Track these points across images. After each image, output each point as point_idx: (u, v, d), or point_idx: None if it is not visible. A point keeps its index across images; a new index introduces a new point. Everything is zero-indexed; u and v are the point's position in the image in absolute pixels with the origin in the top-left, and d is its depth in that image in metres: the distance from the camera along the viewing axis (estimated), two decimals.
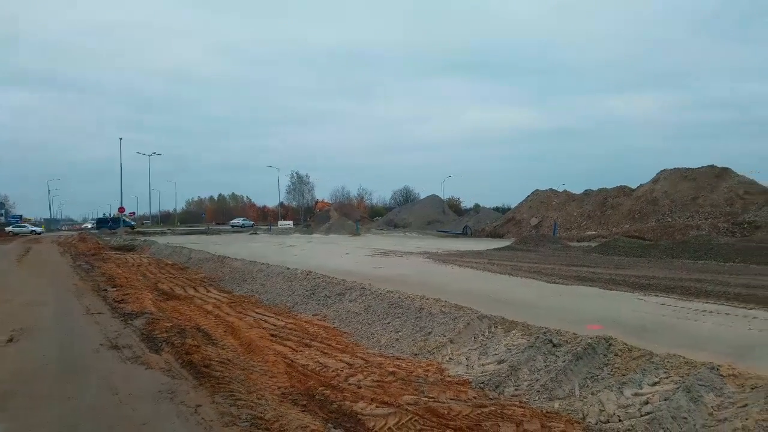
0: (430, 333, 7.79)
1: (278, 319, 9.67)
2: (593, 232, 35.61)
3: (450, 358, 6.93)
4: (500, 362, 6.35)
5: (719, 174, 36.84)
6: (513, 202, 56.54)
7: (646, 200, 37.99)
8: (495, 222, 47.56)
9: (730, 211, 32.89)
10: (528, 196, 47.30)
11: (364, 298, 9.98)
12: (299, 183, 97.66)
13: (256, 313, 10.37)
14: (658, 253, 20.57)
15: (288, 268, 14.30)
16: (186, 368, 6.39)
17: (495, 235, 41.52)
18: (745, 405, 4.09)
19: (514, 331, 6.93)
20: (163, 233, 55.01)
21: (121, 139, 49.62)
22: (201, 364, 6.43)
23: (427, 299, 9.17)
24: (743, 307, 8.57)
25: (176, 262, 21.59)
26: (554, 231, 36.68)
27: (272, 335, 8.36)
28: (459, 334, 7.39)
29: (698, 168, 38.16)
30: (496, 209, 70.66)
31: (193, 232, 57.46)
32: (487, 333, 7.21)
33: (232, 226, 76.34)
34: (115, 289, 13.47)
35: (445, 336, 7.51)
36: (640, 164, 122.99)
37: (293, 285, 12.46)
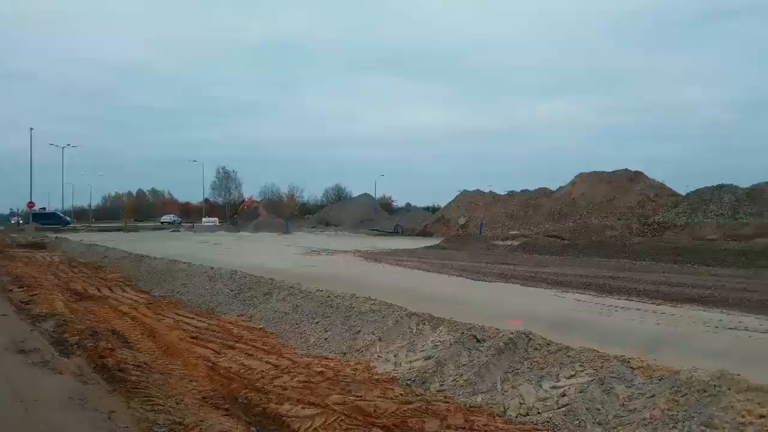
0: (359, 331, 7.78)
1: (200, 321, 9.33)
2: (516, 232, 36.95)
3: (379, 356, 6.94)
4: (427, 358, 6.43)
5: (633, 177, 39.32)
6: (443, 201, 57.77)
7: (565, 201, 39.91)
8: (425, 221, 48.34)
9: (641, 213, 35.15)
10: (456, 196, 48.46)
11: (292, 297, 9.81)
12: (225, 178, 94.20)
13: (177, 314, 9.94)
14: (575, 251, 21.67)
15: (212, 267, 13.84)
16: (99, 373, 6.01)
17: (425, 234, 42.20)
18: (653, 395, 4.35)
19: (441, 328, 7.03)
20: (75, 230, 51.78)
21: (31, 129, 46.31)
22: (115, 368, 6.07)
23: (358, 297, 9.14)
24: (652, 303, 9.15)
25: (90, 261, 20.37)
26: (480, 230, 37.78)
27: (193, 337, 8.05)
28: (388, 332, 7.42)
29: (614, 171, 40.52)
30: (427, 209, 71.90)
31: (109, 229, 54.47)
32: (415, 330, 7.28)
33: (162, 222, 72.75)
34: (21, 289, 12.48)
35: (374, 334, 7.52)
36: (560, 166, 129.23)
37: (217, 285, 12.06)
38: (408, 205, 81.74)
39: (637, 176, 39.24)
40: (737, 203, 31.63)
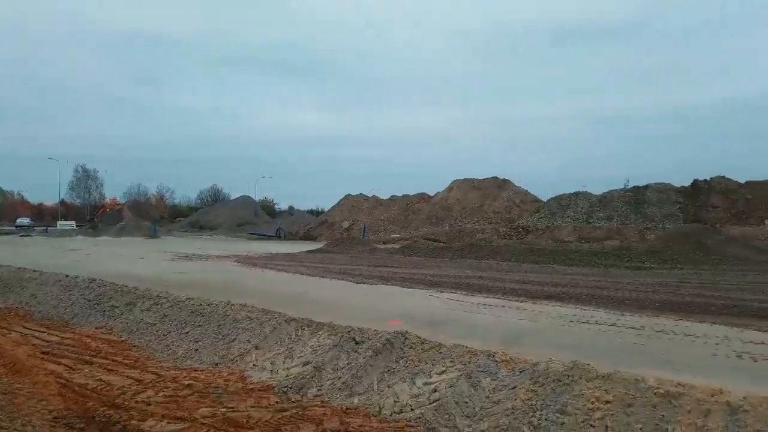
0: (234, 340, 7.47)
1: (53, 335, 8.42)
2: (397, 235, 37.94)
3: (254, 365, 6.72)
4: (305, 364, 6.33)
5: (501, 185, 42.18)
6: (327, 205, 57.73)
7: (441, 206, 41.78)
8: (309, 224, 47.98)
9: (508, 217, 37.79)
10: (340, 200, 48.68)
11: (159, 306, 9.19)
12: (85, 178, 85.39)
13: (25, 328, 8.89)
14: (450, 254, 22.70)
15: (67, 276, 12.55)
16: None
17: (308, 237, 41.85)
18: (515, 387, 4.64)
19: (321, 332, 6.96)
20: None
21: None
22: None
23: (233, 305, 8.78)
24: (516, 300, 9.79)
25: None
26: (363, 234, 38.29)
27: (44, 353, 7.24)
28: (265, 339, 7.21)
29: (484, 179, 43.20)
30: (311, 212, 71.37)
31: None
32: (294, 336, 7.15)
33: (18, 226, 64.27)
34: None
35: (250, 342, 7.27)
36: (437, 173, 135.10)
37: (73, 295, 10.96)
38: (291, 208, 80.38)
39: (505, 183, 42.20)
40: (591, 209, 35.16)
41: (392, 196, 47.75)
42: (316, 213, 66.54)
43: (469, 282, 12.52)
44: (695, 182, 34.76)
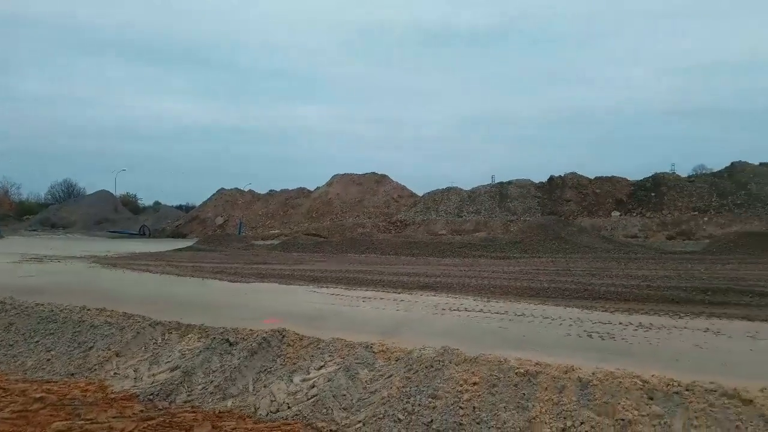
0: (91, 347, 6.85)
1: None
2: (277, 231, 37.26)
3: (116, 373, 6.22)
4: (173, 369, 5.98)
5: (379, 180, 43.10)
6: (198, 200, 54.94)
7: (322, 201, 41.73)
8: (177, 221, 45.37)
9: (387, 212, 38.71)
10: (213, 194, 46.68)
11: (3, 314, 8.16)
12: None
13: None
14: (331, 249, 22.75)
15: None
16: None
17: (177, 235, 39.60)
18: (391, 376, 4.74)
19: (190, 335, 6.61)
20: None
21: None
22: None
23: (89, 309, 8.05)
24: (394, 292, 10.05)
25: None
26: (239, 230, 37.05)
27: None
28: (127, 345, 6.70)
29: (364, 174, 43.85)
30: (180, 207, 67.44)
31: None
32: (160, 340, 6.72)
33: None
34: None
35: (110, 349, 6.71)
36: (317, 168, 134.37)
37: None
38: (157, 203, 75.25)
39: (383, 179, 43.21)
40: (462, 203, 37.19)
41: (270, 190, 46.77)
42: (186, 209, 63.00)
43: (350, 276, 12.63)
44: (551, 178, 38.17)
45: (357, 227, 34.35)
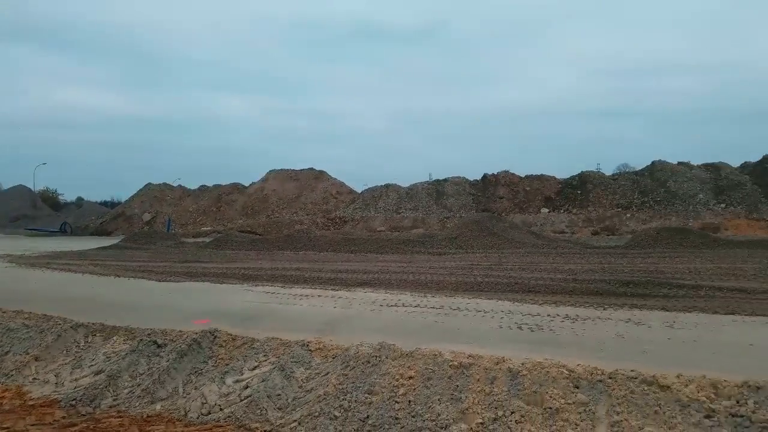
0: (7, 352, 6.43)
1: None
2: (209, 228, 36.21)
3: (35, 378, 5.86)
4: (98, 373, 5.69)
5: (318, 176, 42.75)
6: (124, 195, 52.46)
7: (257, 197, 40.92)
8: (102, 218, 43.21)
9: (326, 208, 38.47)
10: (140, 190, 44.72)
11: None
12: None
13: None
14: (267, 246, 22.36)
15: None
16: None
17: (102, 232, 37.72)
18: (327, 373, 4.71)
19: (115, 337, 6.32)
20: None
21: None
22: None
23: (4, 312, 7.54)
24: (332, 289, 9.99)
25: None
26: (168, 227, 35.75)
27: None
28: (47, 349, 6.31)
29: (301, 170, 43.35)
30: (105, 204, 64.21)
31: None
32: (83, 343, 6.38)
33: None
34: None
35: (28, 353, 6.31)
36: (250, 162, 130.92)
37: None
38: (80, 199, 71.23)
39: (321, 175, 42.88)
40: (400, 200, 37.52)
41: (202, 185, 45.33)
42: (111, 205, 60.02)
43: (286, 274, 12.45)
44: (485, 176, 39.21)
45: (294, 224, 33.93)
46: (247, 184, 43.90)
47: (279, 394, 4.60)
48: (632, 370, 4.27)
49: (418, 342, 5.27)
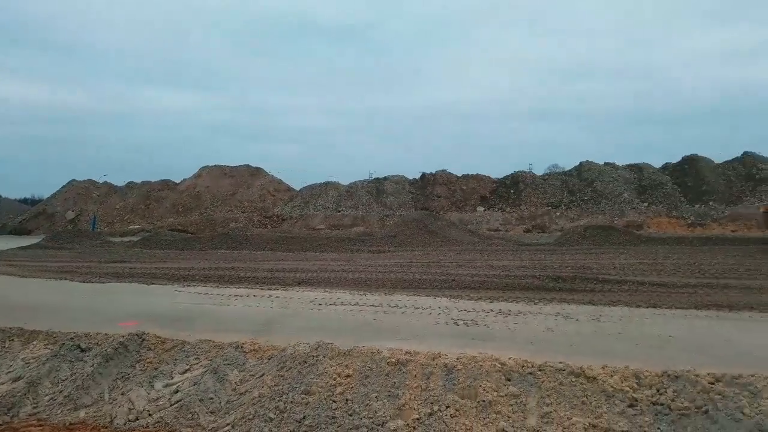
0: None
1: None
2: (137, 226, 34.71)
3: None
4: (16, 380, 5.34)
5: (254, 173, 41.83)
6: (46, 192, 49.35)
7: (189, 194, 39.59)
8: (21, 216, 40.49)
9: (263, 206, 37.74)
10: (63, 186, 42.21)
11: None
12: None
13: None
14: (200, 245, 21.66)
15: None
16: None
17: (21, 231, 35.34)
18: (262, 375, 4.61)
19: (35, 342, 5.94)
20: None
21: None
22: None
23: None
24: (268, 289, 9.80)
25: None
26: (93, 225, 34.02)
27: None
28: None
29: (236, 166, 42.28)
30: (24, 201, 60.17)
31: None
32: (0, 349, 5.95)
33: None
34: None
35: None
36: (182, 158, 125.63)
37: None
38: None
39: (257, 172, 41.99)
40: (340, 198, 37.37)
41: (130, 182, 43.30)
42: (31, 202, 56.34)
43: (220, 273, 12.11)
44: (423, 175, 39.74)
45: (229, 222, 33.10)
46: (178, 181, 42.38)
47: (211, 398, 4.46)
48: (561, 363, 4.45)
49: (357, 340, 5.27)
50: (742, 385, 4.06)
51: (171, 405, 4.45)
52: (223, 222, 33.24)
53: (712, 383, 4.09)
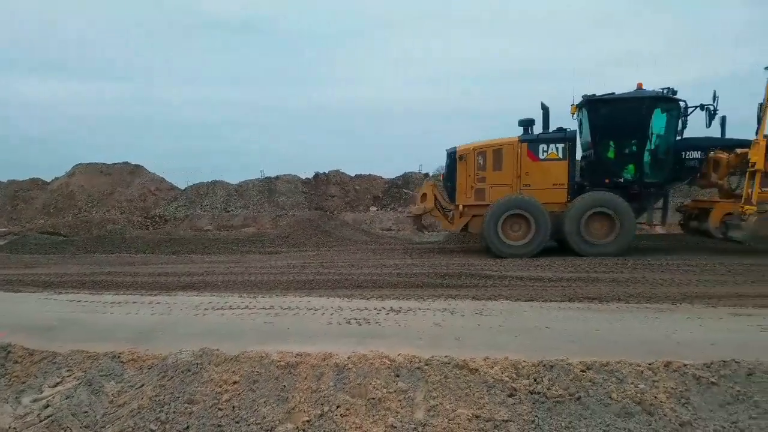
0: None
1: None
2: (4, 229, 31.24)
3: None
4: None
5: (133, 170, 39.20)
6: None
7: (62, 194, 36.30)
8: None
9: (143, 206, 35.48)
10: None
11: None
12: None
13: None
14: (74, 248, 19.99)
15: None
16: None
17: None
18: (142, 385, 4.35)
19: None
20: None
21: None
22: None
23: None
24: (150, 294, 9.23)
25: None
26: None
27: None
28: None
29: (114, 164, 39.38)
30: None
31: None
32: None
33: None
34: None
35: None
36: (54, 155, 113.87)
37: None
38: None
39: (137, 169, 39.37)
40: (229, 197, 36.03)
41: None
42: None
43: (97, 279, 11.25)
44: (317, 174, 39.58)
45: (106, 223, 30.75)
46: (48, 180, 38.62)
47: (86, 411, 4.14)
48: (446, 356, 4.65)
49: (246, 345, 5.13)
50: (610, 371, 4.48)
51: (41, 421, 4.08)
52: (99, 223, 30.81)
53: (584, 371, 4.48)
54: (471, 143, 14.40)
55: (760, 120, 12.19)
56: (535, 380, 4.42)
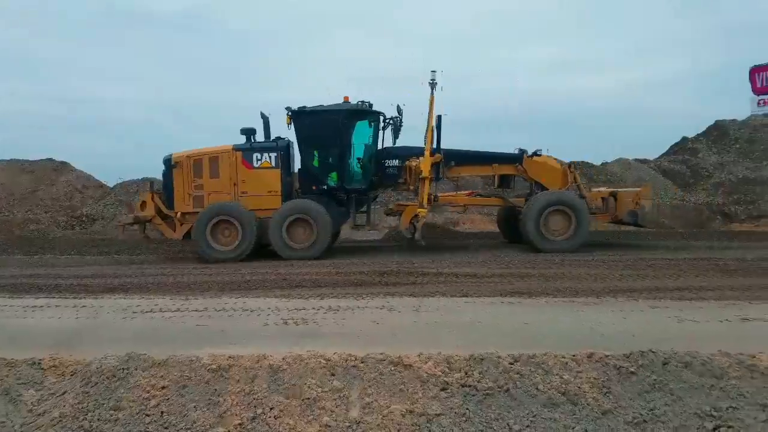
0: None
1: None
2: None
3: None
4: None
5: (58, 168, 37.05)
6: None
7: None
8: None
9: (70, 205, 33.61)
10: None
11: None
12: None
13: None
14: None
15: None
16: None
17: None
18: (64, 393, 4.15)
19: None
20: None
21: None
22: None
23: None
24: (74, 298, 8.78)
25: None
26: None
27: None
28: None
29: (37, 161, 37.10)
30: None
31: None
32: None
33: None
34: None
35: None
36: None
37: None
38: None
39: (62, 167, 37.23)
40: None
41: None
42: None
43: (16, 282, 10.57)
44: None
45: (29, 223, 28.94)
46: None
47: (3, 422, 3.90)
48: (381, 353, 4.69)
49: (176, 349, 4.97)
50: (537, 363, 4.66)
51: None
52: (21, 223, 28.95)
53: (512, 363, 4.64)
54: (185, 151, 14.45)
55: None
56: (466, 374, 4.54)
